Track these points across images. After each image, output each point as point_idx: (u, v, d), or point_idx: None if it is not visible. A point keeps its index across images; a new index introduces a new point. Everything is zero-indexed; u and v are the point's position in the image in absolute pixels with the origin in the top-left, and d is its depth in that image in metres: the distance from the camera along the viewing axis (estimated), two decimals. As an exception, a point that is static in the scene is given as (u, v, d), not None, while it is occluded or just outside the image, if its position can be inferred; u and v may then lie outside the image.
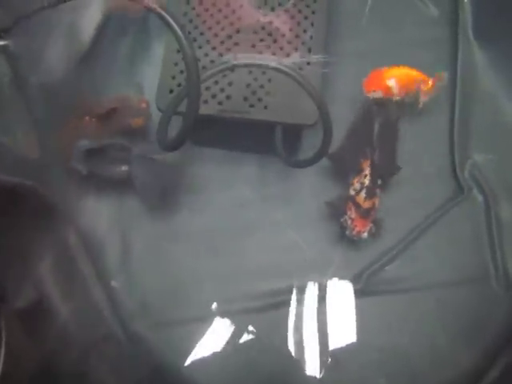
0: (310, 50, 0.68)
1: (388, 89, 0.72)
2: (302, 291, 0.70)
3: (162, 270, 0.72)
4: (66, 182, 0.73)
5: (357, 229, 0.69)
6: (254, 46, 0.68)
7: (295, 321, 0.69)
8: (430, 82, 0.73)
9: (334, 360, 0.67)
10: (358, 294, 0.70)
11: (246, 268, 0.72)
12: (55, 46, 0.73)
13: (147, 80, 0.76)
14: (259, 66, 0.62)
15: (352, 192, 0.70)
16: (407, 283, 0.70)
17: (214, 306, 0.70)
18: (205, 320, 0.69)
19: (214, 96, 0.67)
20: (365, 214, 0.69)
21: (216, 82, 0.67)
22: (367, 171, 0.70)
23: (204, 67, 0.64)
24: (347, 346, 0.68)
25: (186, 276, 0.72)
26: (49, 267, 0.68)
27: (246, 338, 0.69)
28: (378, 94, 0.72)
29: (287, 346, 0.68)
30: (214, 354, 0.68)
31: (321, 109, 0.59)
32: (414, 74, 0.73)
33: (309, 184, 0.74)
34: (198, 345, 0.68)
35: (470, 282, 0.70)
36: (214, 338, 0.68)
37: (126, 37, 0.79)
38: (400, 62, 0.74)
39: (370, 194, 0.69)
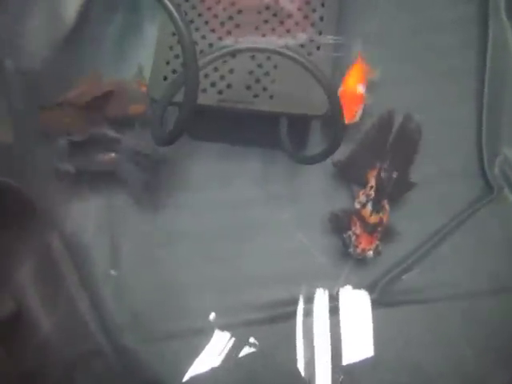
0: (320, 33, 0.64)
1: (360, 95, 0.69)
2: (309, 301, 0.66)
3: (155, 276, 0.69)
4: (49, 180, 0.69)
5: (361, 246, 0.65)
6: (257, 28, 0.65)
7: (303, 334, 0.65)
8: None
9: (347, 377, 0.64)
10: (373, 304, 0.66)
11: (247, 274, 0.68)
12: (34, 24, 0.69)
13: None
14: (263, 50, 0.60)
15: (357, 205, 0.67)
16: (428, 293, 0.66)
17: (212, 316, 0.67)
18: (202, 333, 0.66)
19: (213, 84, 0.63)
20: (370, 229, 0.65)
21: (215, 69, 0.64)
22: (373, 182, 0.67)
23: (202, 52, 0.62)
24: (361, 361, 0.64)
25: (181, 283, 0.68)
26: (29, 274, 0.65)
27: (247, 351, 0.65)
28: (361, 90, 0.69)
29: (294, 362, 0.64)
30: (213, 370, 0.64)
31: (332, 98, 0.55)
32: (363, 67, 0.70)
33: (317, 182, 0.71)
34: (195, 360, 0.65)
35: (501, 291, 0.66)
36: (213, 353, 0.65)
37: (115, 15, 0.76)
38: (423, 45, 0.71)
39: (377, 208, 0.65)
